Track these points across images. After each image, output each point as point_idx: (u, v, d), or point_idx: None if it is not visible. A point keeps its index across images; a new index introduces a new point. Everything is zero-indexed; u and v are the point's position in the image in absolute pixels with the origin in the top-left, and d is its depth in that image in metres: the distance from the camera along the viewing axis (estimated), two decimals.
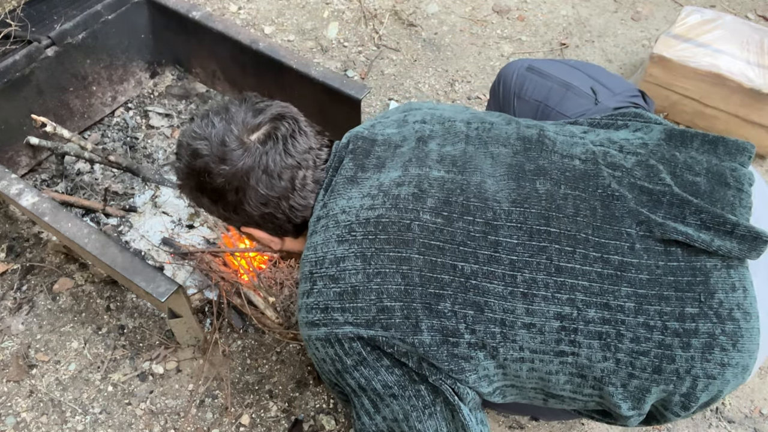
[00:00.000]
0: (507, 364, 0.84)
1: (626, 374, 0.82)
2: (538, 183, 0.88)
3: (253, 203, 0.93)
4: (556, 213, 0.85)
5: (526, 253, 0.82)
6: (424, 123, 0.99)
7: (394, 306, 0.82)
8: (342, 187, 0.91)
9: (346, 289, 0.83)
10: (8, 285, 1.60)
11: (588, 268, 0.82)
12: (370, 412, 0.87)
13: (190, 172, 0.95)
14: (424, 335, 0.81)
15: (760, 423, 1.43)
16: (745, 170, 0.90)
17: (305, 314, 0.87)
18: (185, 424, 1.39)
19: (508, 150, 0.93)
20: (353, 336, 0.83)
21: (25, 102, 1.69)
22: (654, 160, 0.90)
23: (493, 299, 0.81)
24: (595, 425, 1.41)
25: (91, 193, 1.75)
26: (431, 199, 0.86)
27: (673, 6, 2.53)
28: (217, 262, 1.57)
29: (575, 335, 0.81)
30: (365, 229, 0.85)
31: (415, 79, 2.19)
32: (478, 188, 0.87)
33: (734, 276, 0.83)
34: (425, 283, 0.82)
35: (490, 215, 0.85)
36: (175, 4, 1.81)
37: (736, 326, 0.81)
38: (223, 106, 0.96)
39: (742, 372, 0.83)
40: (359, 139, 0.97)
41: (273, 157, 0.91)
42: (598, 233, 0.83)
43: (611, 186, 0.87)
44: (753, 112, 1.89)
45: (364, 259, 0.83)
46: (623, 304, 0.81)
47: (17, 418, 1.39)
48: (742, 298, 0.82)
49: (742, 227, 0.82)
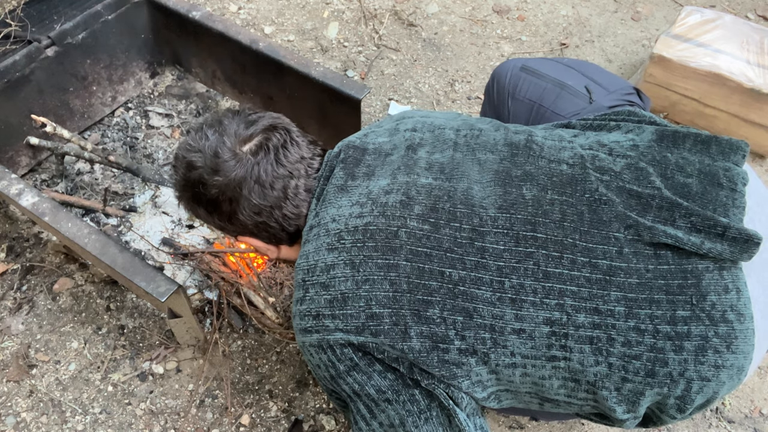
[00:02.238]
0: (499, 369, 0.84)
1: (619, 378, 0.82)
2: (525, 189, 0.88)
3: (247, 213, 0.95)
4: (542, 218, 0.85)
5: (513, 258, 0.83)
6: (414, 131, 1.00)
7: (382, 312, 0.82)
8: (333, 195, 0.92)
9: (336, 296, 0.84)
10: (8, 285, 1.60)
11: (576, 273, 0.82)
12: (367, 418, 0.88)
13: (185, 183, 0.97)
14: (413, 341, 0.82)
15: (760, 423, 1.43)
16: (739, 170, 0.89)
17: (299, 321, 0.89)
18: (185, 424, 1.39)
19: (495, 156, 0.93)
20: (344, 342, 0.84)
21: (25, 102, 1.69)
22: (644, 162, 0.90)
23: (482, 305, 0.82)
24: (596, 426, 1.41)
25: (91, 193, 1.75)
26: (418, 206, 0.87)
27: (673, 6, 2.53)
28: (217, 262, 1.57)
29: (566, 340, 0.81)
30: (354, 236, 0.86)
31: (415, 79, 2.19)
32: (465, 195, 0.88)
33: (727, 278, 0.82)
34: (413, 289, 0.82)
35: (477, 221, 0.85)
36: (175, 4, 1.81)
37: (730, 328, 0.81)
38: (216, 119, 0.98)
39: (738, 373, 0.83)
40: (350, 149, 0.98)
41: (265, 167, 0.93)
42: (586, 238, 0.84)
43: (599, 190, 0.87)
44: (753, 112, 1.89)
45: (353, 267, 0.84)
46: (613, 308, 0.81)
47: (17, 418, 1.39)
48: (736, 299, 0.81)
49: (733, 229, 0.81)
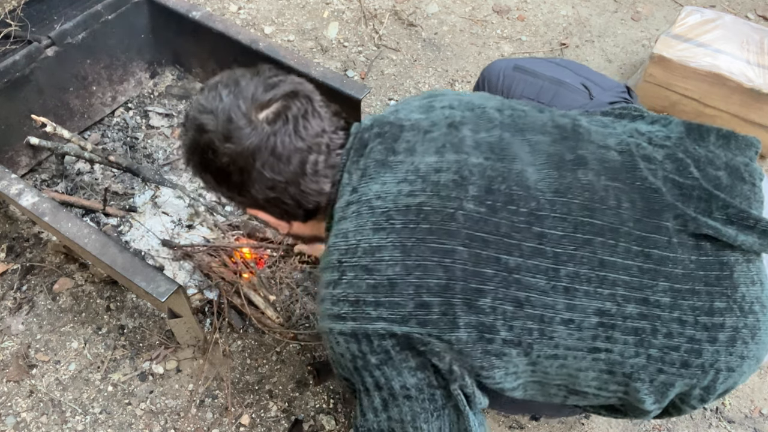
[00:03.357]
0: (539, 360, 0.81)
1: (655, 369, 0.81)
2: (580, 173, 0.84)
3: (259, 187, 0.88)
4: (599, 204, 0.82)
5: (570, 245, 0.79)
6: (452, 108, 0.93)
7: (432, 301, 0.77)
8: (374, 170, 0.85)
9: (382, 282, 0.78)
10: (8, 285, 1.60)
11: (630, 262, 0.80)
12: (378, 410, 0.84)
13: (194, 147, 0.90)
14: (461, 332, 0.77)
15: (760, 423, 1.43)
16: (756, 165, 0.91)
17: (330, 306, 0.81)
18: (185, 424, 1.39)
19: (547, 138, 0.89)
20: (384, 333, 0.78)
21: (25, 102, 1.69)
22: (681, 153, 0.89)
23: (535, 294, 0.78)
24: (595, 425, 1.41)
25: (91, 193, 1.75)
26: (473, 186, 0.81)
27: (673, 6, 2.53)
28: (218, 262, 1.57)
29: (612, 331, 0.79)
30: (405, 217, 0.79)
31: (415, 79, 2.19)
32: (520, 176, 0.83)
33: (753, 270, 0.84)
34: (468, 277, 0.77)
35: (534, 205, 0.81)
36: (175, 4, 1.81)
37: (756, 319, 0.82)
38: (233, 78, 0.89)
39: (756, 363, 0.84)
40: (386, 124, 0.91)
41: (282, 138, 0.84)
42: (639, 226, 0.82)
43: (648, 179, 0.85)
44: (753, 112, 1.89)
45: (404, 250, 0.78)
46: (660, 299, 0.80)
47: (17, 418, 1.39)
48: (760, 291, 0.83)
49: (763, 222, 0.83)
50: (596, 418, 1.42)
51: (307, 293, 1.57)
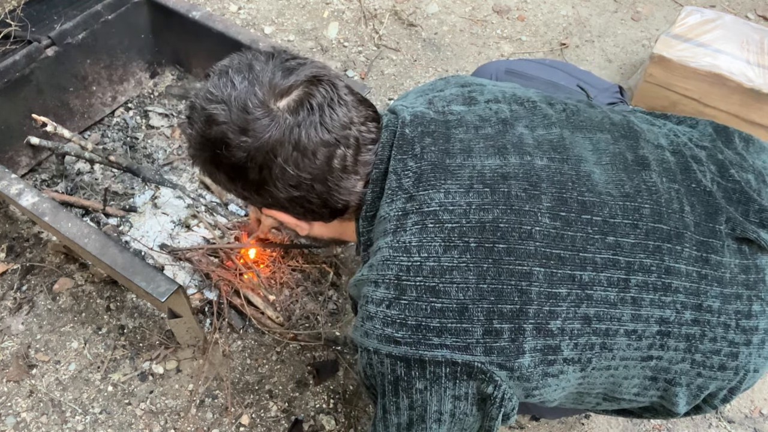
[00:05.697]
0: (592, 373, 0.77)
1: (695, 374, 0.80)
2: (644, 174, 0.80)
3: (281, 185, 0.78)
4: (666, 209, 0.78)
5: (642, 253, 0.75)
6: (498, 102, 0.86)
7: (503, 328, 0.71)
8: (432, 176, 0.76)
9: (450, 306, 0.71)
10: (8, 285, 1.60)
11: (691, 267, 0.77)
12: (401, 427, 0.78)
13: (204, 142, 0.79)
14: (525, 357, 0.72)
15: (760, 423, 1.43)
16: None
17: (383, 327, 0.73)
18: (185, 424, 1.39)
19: (608, 136, 0.83)
20: (443, 361, 0.71)
21: (25, 102, 1.69)
22: (720, 154, 0.88)
23: (603, 308, 0.73)
24: (595, 425, 1.41)
25: (91, 193, 1.75)
26: (545, 196, 0.75)
27: (673, 6, 2.53)
28: (217, 262, 1.57)
29: (667, 338, 0.77)
30: (481, 235, 0.72)
31: (415, 79, 2.19)
32: (589, 180, 0.77)
33: None
34: (542, 300, 0.71)
35: (607, 212, 0.76)
36: (175, 4, 1.81)
37: None
38: (246, 61, 0.81)
39: None
40: (431, 122, 0.82)
41: (307, 130, 0.75)
42: (698, 230, 0.79)
43: (702, 181, 0.83)
44: (753, 112, 1.89)
45: (479, 273, 0.71)
46: (712, 304, 0.78)
47: (17, 418, 1.39)
48: None
49: None
50: (596, 418, 1.42)
51: (307, 293, 1.57)
